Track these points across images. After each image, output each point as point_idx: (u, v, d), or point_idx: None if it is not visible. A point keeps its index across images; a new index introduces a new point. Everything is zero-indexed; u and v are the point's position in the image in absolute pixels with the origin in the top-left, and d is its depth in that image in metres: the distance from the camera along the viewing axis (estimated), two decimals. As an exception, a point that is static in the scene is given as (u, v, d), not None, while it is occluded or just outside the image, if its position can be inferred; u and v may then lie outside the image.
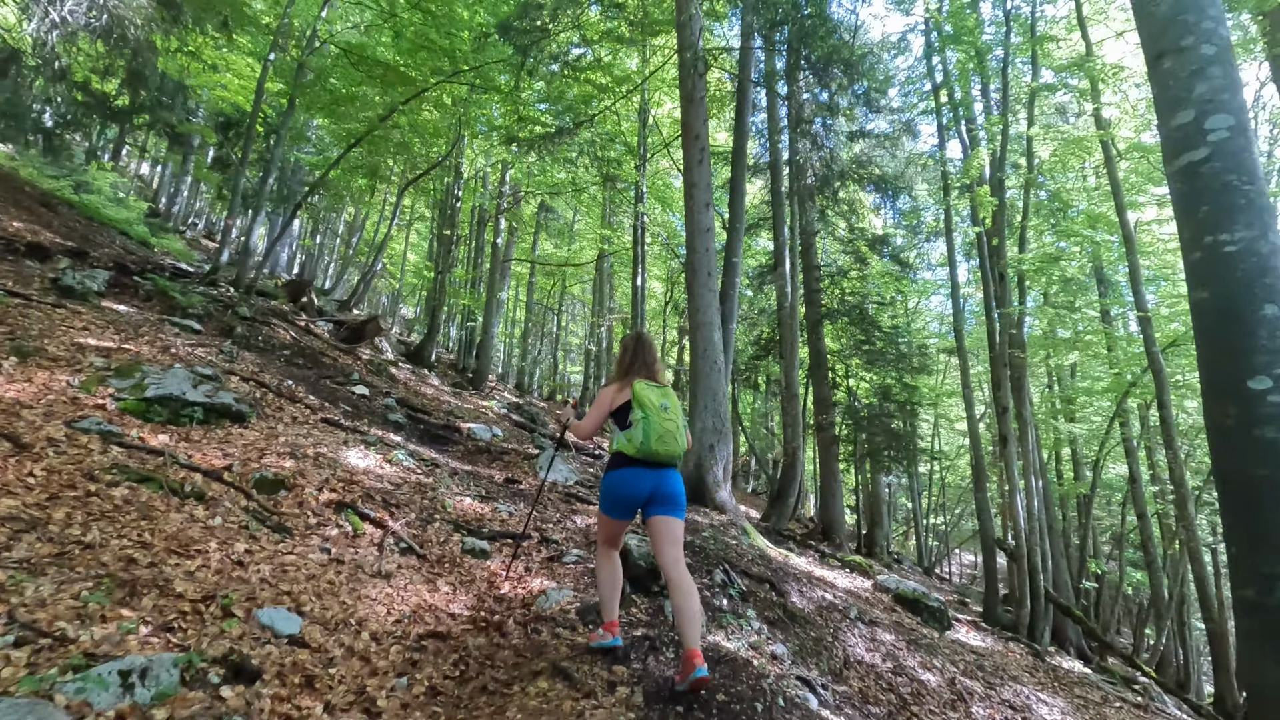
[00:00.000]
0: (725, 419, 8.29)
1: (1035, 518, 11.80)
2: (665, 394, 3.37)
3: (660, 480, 3.28)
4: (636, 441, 3.22)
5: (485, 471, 7.13)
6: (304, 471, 4.87)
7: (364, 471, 5.37)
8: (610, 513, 3.37)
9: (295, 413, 6.22)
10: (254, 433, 5.46)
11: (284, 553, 3.83)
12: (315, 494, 4.61)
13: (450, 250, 18.54)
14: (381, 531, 4.53)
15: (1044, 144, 13.25)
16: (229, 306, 9.80)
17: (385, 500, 4.97)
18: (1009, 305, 12.09)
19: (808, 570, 7.19)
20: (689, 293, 8.83)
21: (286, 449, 5.23)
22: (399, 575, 4.09)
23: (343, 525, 4.41)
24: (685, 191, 9.14)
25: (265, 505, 4.27)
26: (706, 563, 5.11)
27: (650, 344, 3.60)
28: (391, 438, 6.72)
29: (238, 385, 6.22)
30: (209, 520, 3.85)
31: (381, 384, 9.98)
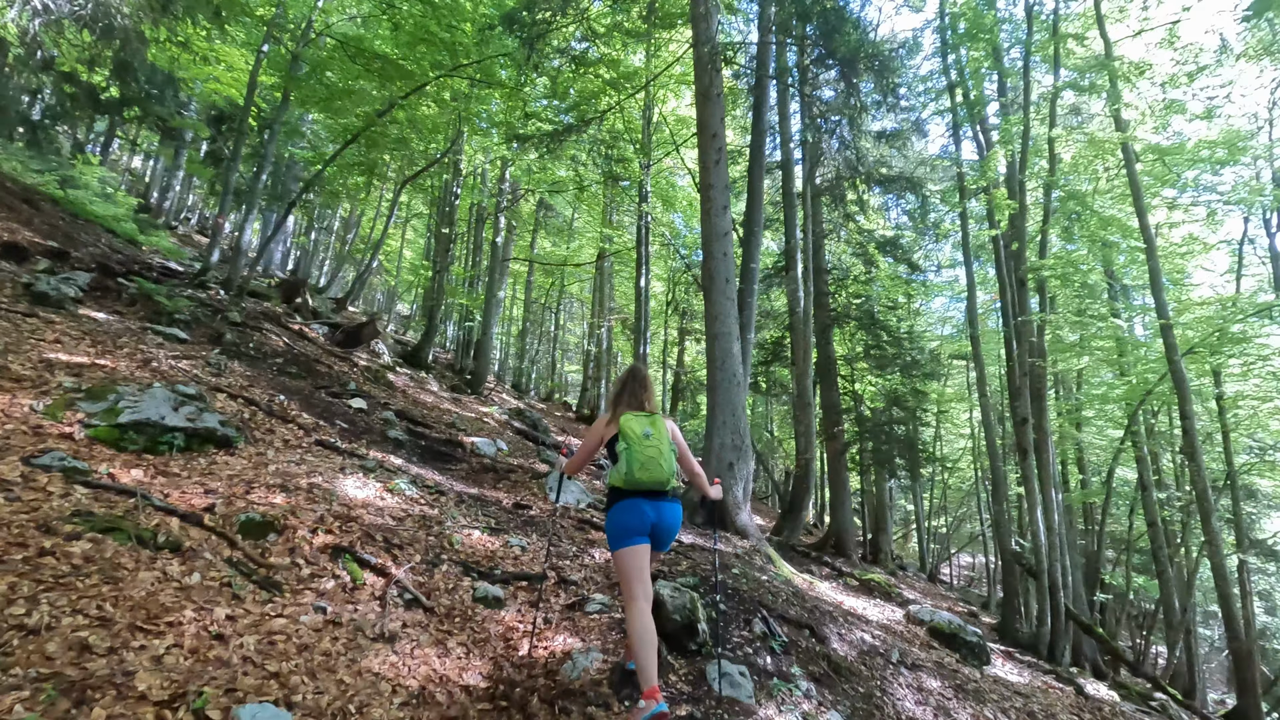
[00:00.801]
0: (745, 435, 7.77)
1: (1055, 532, 11.34)
2: (651, 421, 3.38)
3: (661, 514, 3.30)
4: (622, 472, 3.26)
5: (492, 494, 6.58)
6: (297, 508, 4.32)
7: (363, 505, 4.82)
8: (620, 544, 3.26)
9: (287, 434, 5.65)
10: (241, 460, 4.90)
11: (272, 616, 3.28)
12: (309, 537, 4.06)
13: (448, 248, 17.92)
14: (384, 580, 3.98)
15: (1065, 146, 12.74)
16: (218, 311, 9.21)
17: (387, 540, 4.42)
18: (1029, 312, 11.60)
19: (837, 602, 6.68)
20: (706, 300, 8.29)
21: (277, 480, 4.67)
22: (404, 637, 3.55)
23: (340, 575, 3.86)
24: (701, 193, 8.59)
25: (252, 555, 3.71)
26: (744, 609, 4.58)
27: (642, 378, 3.61)
28: (392, 460, 6.16)
29: (225, 404, 5.65)
30: (185, 578, 3.30)
31: (380, 393, 9.41)
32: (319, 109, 11.51)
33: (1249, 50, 13.20)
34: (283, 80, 11.32)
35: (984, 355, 19.65)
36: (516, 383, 26.30)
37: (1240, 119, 15.93)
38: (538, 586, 4.58)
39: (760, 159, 9.35)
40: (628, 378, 3.61)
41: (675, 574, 5.01)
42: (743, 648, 4.15)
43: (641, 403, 3.49)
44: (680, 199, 19.25)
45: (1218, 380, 15.86)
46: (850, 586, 9.22)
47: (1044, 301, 12.15)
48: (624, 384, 3.60)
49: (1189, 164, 14.23)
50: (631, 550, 3.23)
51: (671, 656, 3.86)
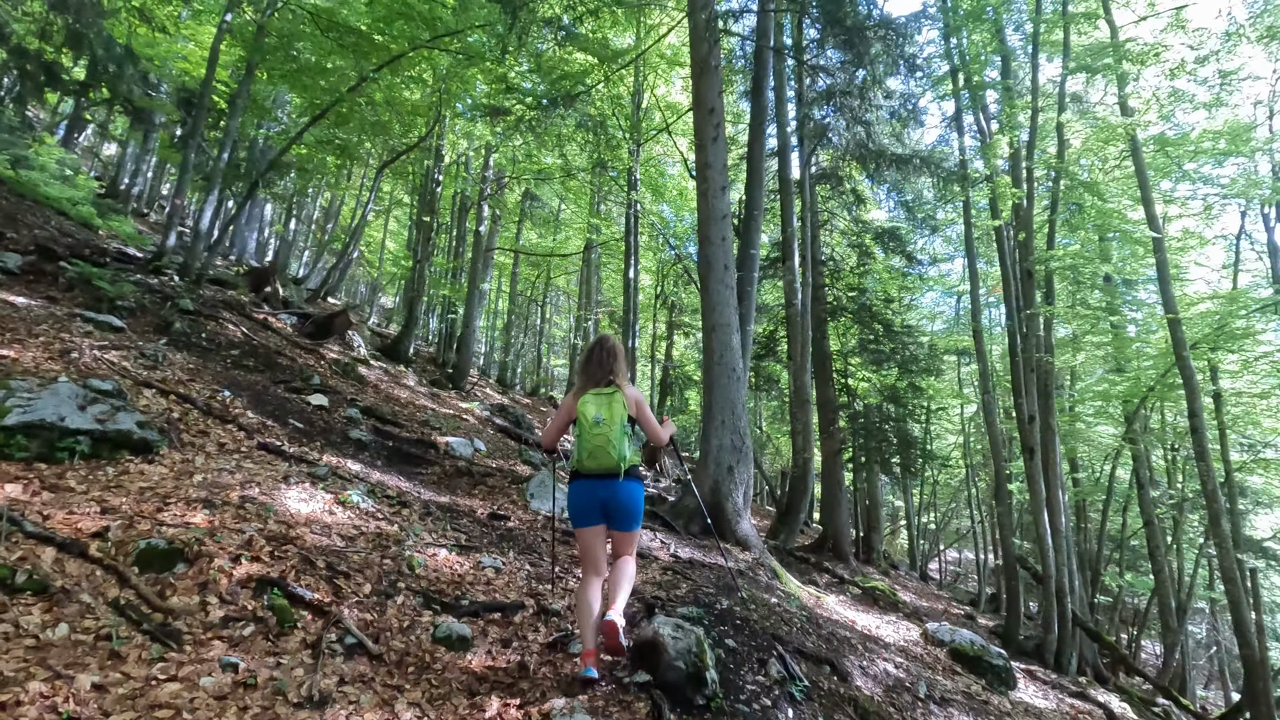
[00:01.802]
0: (745, 436, 7.02)
1: (1062, 534, 10.73)
2: (606, 403, 3.29)
3: (611, 493, 3.28)
4: (574, 457, 3.35)
5: (465, 503, 5.78)
6: (219, 529, 3.51)
7: (306, 522, 4.01)
8: (575, 524, 3.42)
9: (224, 437, 4.82)
10: (160, 469, 4.08)
11: (161, 680, 2.49)
12: (228, 567, 3.25)
13: (430, 238, 17.03)
14: (321, 621, 3.19)
15: (1073, 133, 12.07)
16: (169, 298, 8.32)
17: (330, 567, 3.62)
18: (1035, 305, 10.95)
19: (850, 621, 5.96)
20: (702, 289, 7.52)
21: (201, 493, 3.85)
22: (340, 699, 2.75)
23: (264, 617, 3.06)
24: (698, 174, 7.82)
25: (147, 594, 2.90)
26: (757, 646, 3.83)
27: (610, 348, 3.45)
28: (348, 466, 5.34)
29: (151, 402, 4.81)
30: (46, 632, 2.50)
31: (347, 388, 8.56)
32: (288, 84, 10.62)
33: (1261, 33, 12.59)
34: (247, 52, 10.39)
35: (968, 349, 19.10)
36: (501, 377, 25.43)
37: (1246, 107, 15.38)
38: (512, 619, 3.81)
39: (760, 138, 8.59)
40: (595, 348, 3.47)
41: (675, 600, 4.26)
42: (759, 698, 3.40)
43: (607, 376, 3.36)
44: (670, 189, 18.46)
45: (1214, 377, 15.32)
46: (854, 596, 8.53)
47: (1050, 294, 11.50)
48: (590, 355, 3.47)
49: (1191, 155, 13.65)
50: (584, 531, 3.36)
51: (675, 714, 3.10)
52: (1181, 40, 12.28)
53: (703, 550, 5.94)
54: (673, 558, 5.50)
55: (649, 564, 5.12)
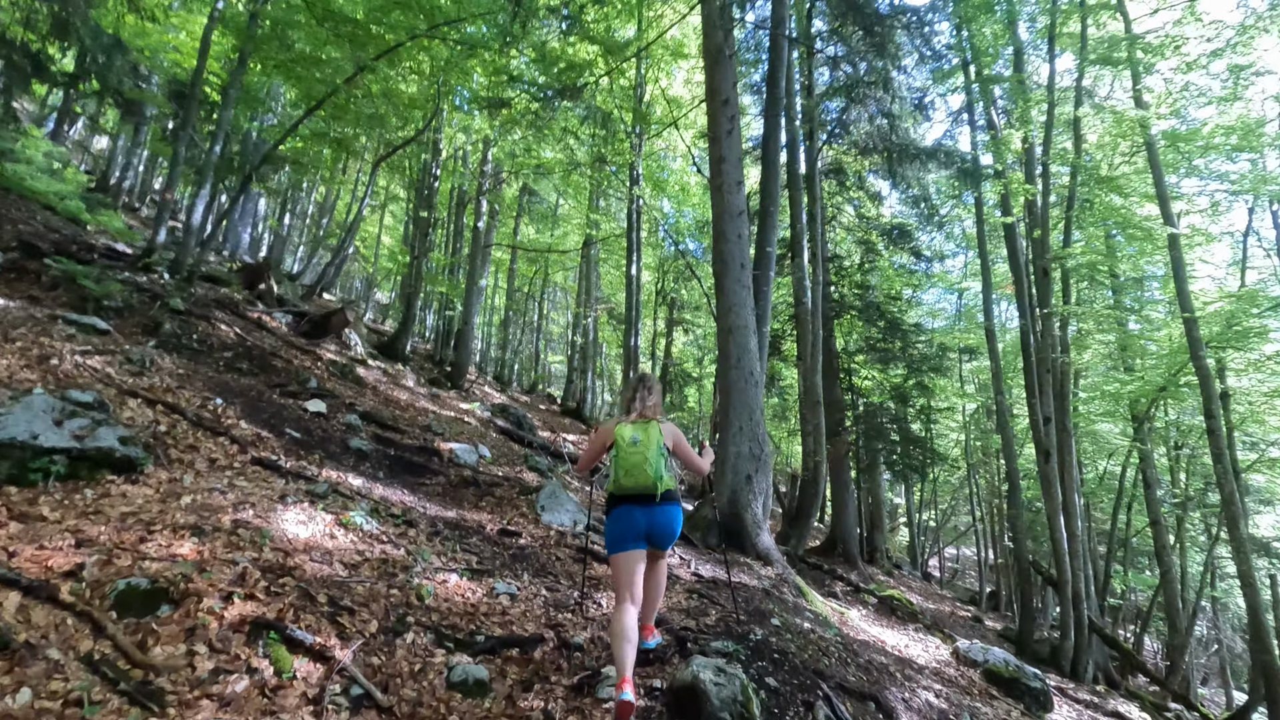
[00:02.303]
0: (764, 443, 6.68)
1: (1078, 539, 10.44)
2: (642, 428, 3.37)
3: (651, 519, 3.29)
4: (612, 478, 3.36)
5: (473, 517, 5.42)
6: (209, 562, 3.14)
7: (305, 548, 3.65)
8: (613, 550, 3.31)
9: (216, 452, 4.44)
10: (145, 491, 3.70)
11: (140, 756, 2.13)
12: (219, 607, 2.89)
13: (427, 233, 16.60)
14: (323, 669, 2.83)
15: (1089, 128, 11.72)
16: (158, 297, 7.91)
17: (333, 602, 3.26)
18: (1052, 304, 10.64)
19: (878, 641, 5.63)
20: (718, 289, 7.17)
21: (189, 519, 3.48)
22: (346, 767, 2.41)
23: (259, 667, 2.70)
24: (711, 168, 7.45)
25: (126, 646, 2.54)
26: (800, 686, 3.48)
27: (649, 384, 3.57)
28: (350, 481, 4.96)
29: (137, 413, 4.43)
30: (4, 698, 2.14)
31: (346, 391, 8.18)
32: (281, 74, 10.18)
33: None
34: (239, 41, 9.95)
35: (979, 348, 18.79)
36: (499, 374, 25.04)
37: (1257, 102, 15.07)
38: (532, 655, 3.46)
39: (775, 130, 8.21)
40: (638, 385, 3.59)
41: (707, 632, 3.91)
42: (809, 753, 3.06)
43: (642, 410, 3.46)
44: (672, 184, 18.08)
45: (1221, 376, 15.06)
46: (872, 607, 8.21)
47: (1066, 292, 11.19)
48: (634, 390, 3.58)
49: (1202, 151, 13.35)
50: (624, 556, 3.26)
51: (720, 773, 2.76)
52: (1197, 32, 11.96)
53: (724, 566, 5.59)
54: (695, 576, 5.16)
55: (671, 585, 4.78)
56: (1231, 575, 21.09)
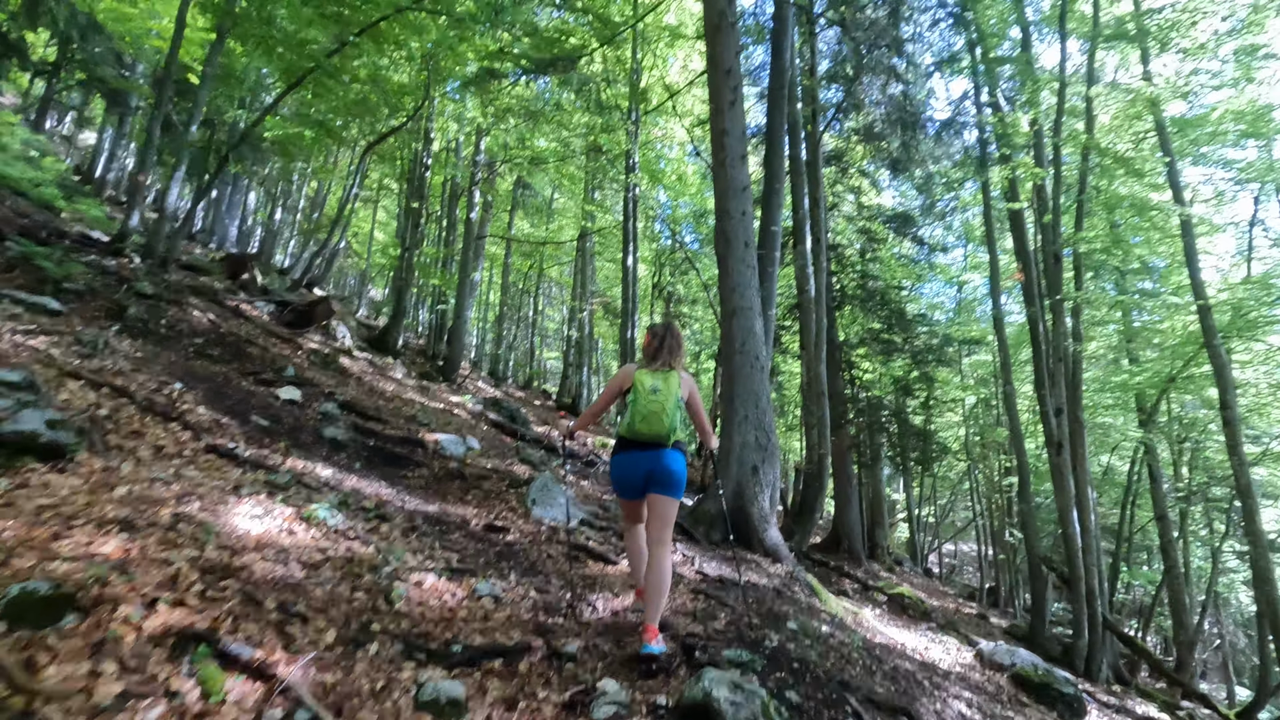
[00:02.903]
0: (771, 432, 6.21)
1: (1091, 534, 10.00)
2: (663, 377, 3.35)
3: (655, 461, 3.32)
4: (625, 422, 3.36)
5: (457, 512, 4.93)
6: (135, 562, 2.65)
7: (256, 546, 3.16)
8: (620, 495, 3.56)
9: (164, 439, 3.94)
10: (73, 480, 3.20)
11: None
12: (137, 617, 2.39)
13: (418, 224, 16.11)
14: (263, 688, 2.34)
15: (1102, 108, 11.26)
16: (125, 281, 7.39)
17: (283, 608, 2.76)
18: (1063, 291, 10.18)
19: (899, 645, 5.15)
20: (721, 269, 6.69)
21: (121, 512, 2.98)
22: (280, 817, 1.92)
23: (181, 687, 2.21)
24: (713, 142, 6.97)
25: (9, 666, 2.04)
26: (825, 701, 3.00)
27: (677, 336, 3.54)
28: (318, 472, 4.46)
29: (74, 396, 3.92)
30: None
31: (326, 381, 7.67)
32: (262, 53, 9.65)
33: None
34: (216, 16, 9.42)
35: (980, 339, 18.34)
36: (493, 370, 24.54)
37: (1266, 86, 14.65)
38: (517, 667, 2.98)
39: (780, 103, 7.72)
40: (663, 333, 3.53)
41: (717, 638, 3.43)
42: (842, 779, 2.58)
43: (669, 361, 3.44)
44: (668, 174, 17.60)
45: (1226, 368, 14.61)
46: (883, 605, 7.75)
47: (1078, 279, 10.74)
48: (661, 339, 3.51)
49: (1210, 137, 12.93)
50: (628, 502, 3.56)
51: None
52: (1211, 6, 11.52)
53: (730, 564, 5.12)
54: (700, 575, 4.68)
55: (675, 585, 4.30)
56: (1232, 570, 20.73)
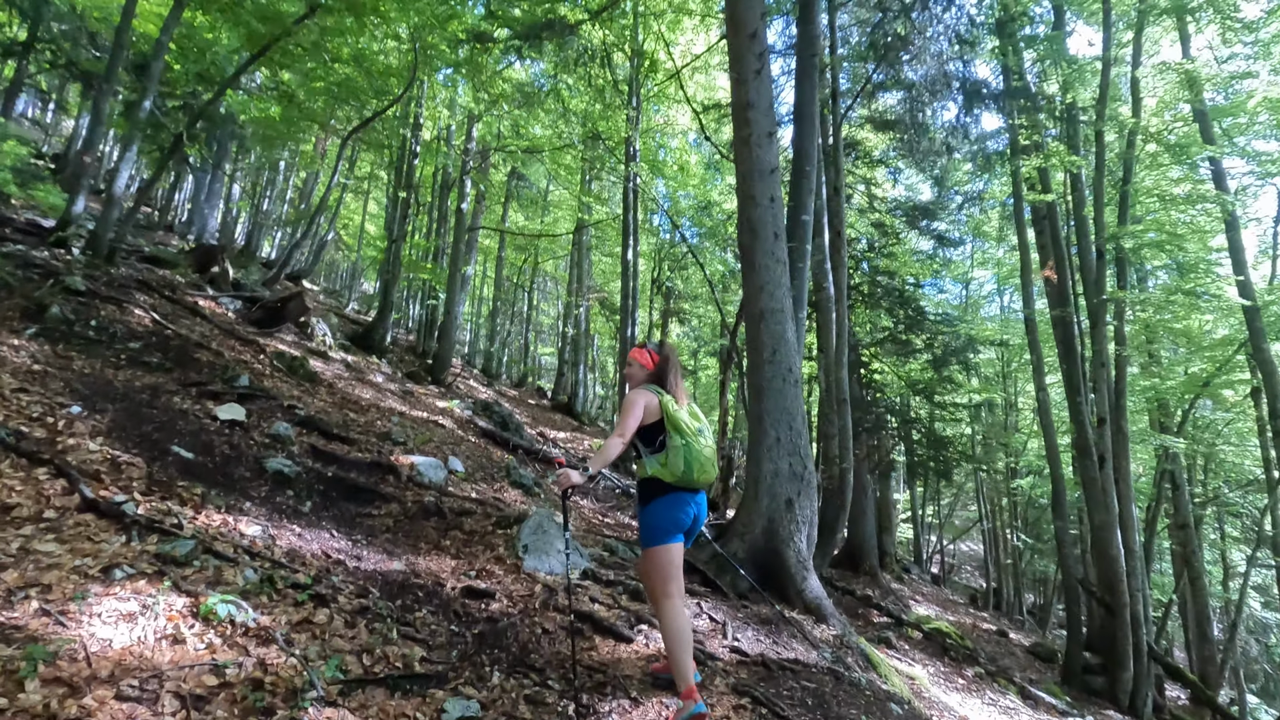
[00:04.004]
0: (808, 459, 5.16)
1: (1136, 554, 9.04)
2: (698, 415, 3.10)
3: (700, 509, 3.06)
4: (678, 471, 2.89)
5: (427, 569, 3.85)
6: None
7: (114, 672, 2.08)
8: (668, 538, 2.90)
9: (20, 492, 2.85)
10: None
11: None
12: None
13: (406, 215, 14.97)
14: None
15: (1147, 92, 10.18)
16: (52, 275, 6.27)
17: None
18: (1106, 289, 9.17)
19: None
20: (746, 265, 5.62)
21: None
22: None
23: None
24: (735, 117, 5.88)
25: None
26: None
27: (678, 363, 3.22)
28: (242, 530, 3.36)
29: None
30: None
31: (291, 391, 6.57)
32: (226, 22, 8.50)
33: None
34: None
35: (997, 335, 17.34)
36: (486, 367, 23.42)
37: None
38: None
39: (811, 73, 6.62)
40: (671, 355, 3.18)
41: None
42: None
43: (679, 394, 3.08)
44: (670, 165, 16.50)
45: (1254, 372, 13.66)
46: (919, 645, 6.75)
47: (1122, 276, 9.72)
48: (669, 362, 3.13)
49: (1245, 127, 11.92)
50: (676, 546, 2.94)
51: None
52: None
53: (770, 631, 4.07)
54: (736, 653, 3.63)
55: (706, 672, 3.25)
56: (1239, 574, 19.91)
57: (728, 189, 17.41)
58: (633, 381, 3.16)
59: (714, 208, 15.26)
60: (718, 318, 20.72)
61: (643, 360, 3.15)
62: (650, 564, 2.93)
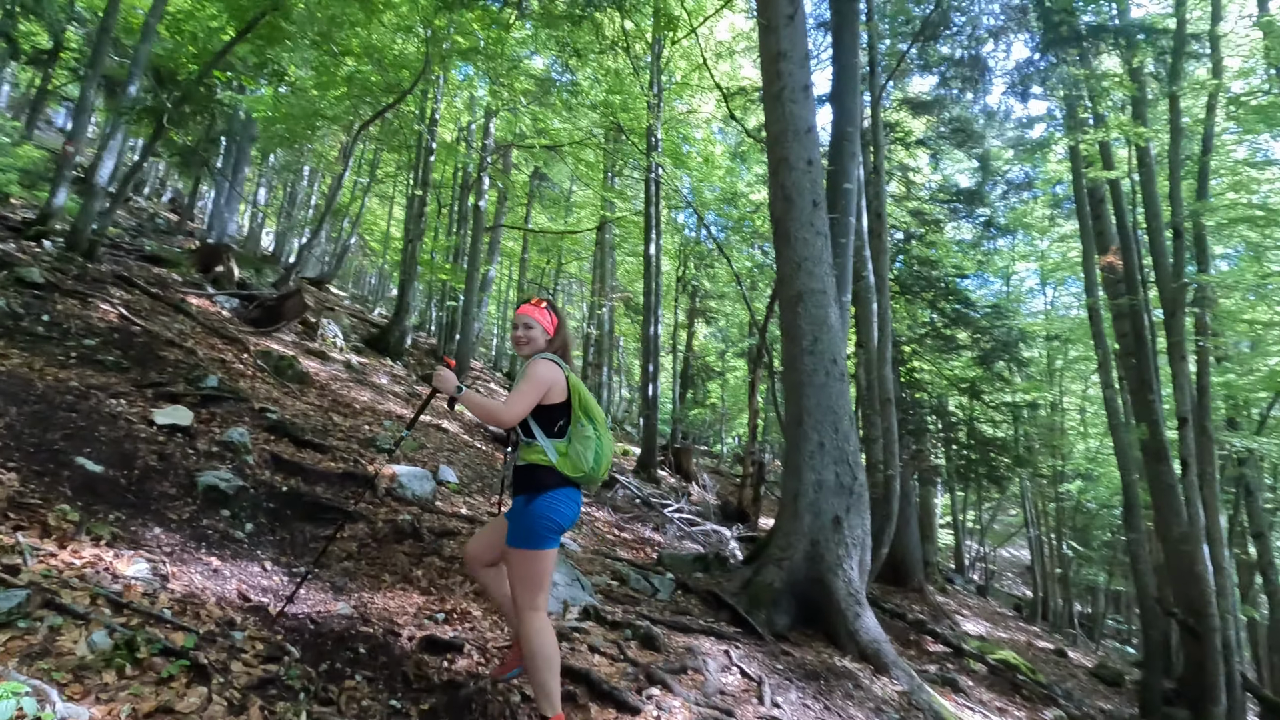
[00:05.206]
0: (857, 467, 4.23)
1: (1226, 573, 7.88)
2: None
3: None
4: (584, 465, 2.40)
5: (382, 609, 3.00)
6: None
7: None
8: (551, 542, 2.39)
9: None
10: None
11: None
12: None
13: (421, 213, 14.33)
14: None
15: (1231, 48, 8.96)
16: (8, 266, 5.62)
17: None
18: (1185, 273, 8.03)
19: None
20: (779, 238, 4.70)
21: None
22: None
23: None
24: (764, 70, 4.98)
25: None
26: None
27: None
28: (118, 573, 2.47)
29: None
30: None
31: (270, 393, 5.82)
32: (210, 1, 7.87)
33: None
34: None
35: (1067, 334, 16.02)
36: (511, 371, 22.74)
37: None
38: None
39: (853, 21, 5.65)
40: (563, 318, 2.64)
41: None
42: None
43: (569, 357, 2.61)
44: (694, 157, 15.60)
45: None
46: (986, 682, 5.73)
47: (1203, 259, 8.55)
48: (563, 323, 2.62)
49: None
50: (556, 551, 2.48)
51: None
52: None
53: (817, 687, 3.15)
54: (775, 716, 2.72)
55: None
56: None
57: (755, 179, 16.44)
58: (530, 347, 2.50)
59: (740, 199, 14.33)
60: (745, 316, 19.74)
61: (544, 322, 2.51)
62: (524, 569, 2.34)
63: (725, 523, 8.76)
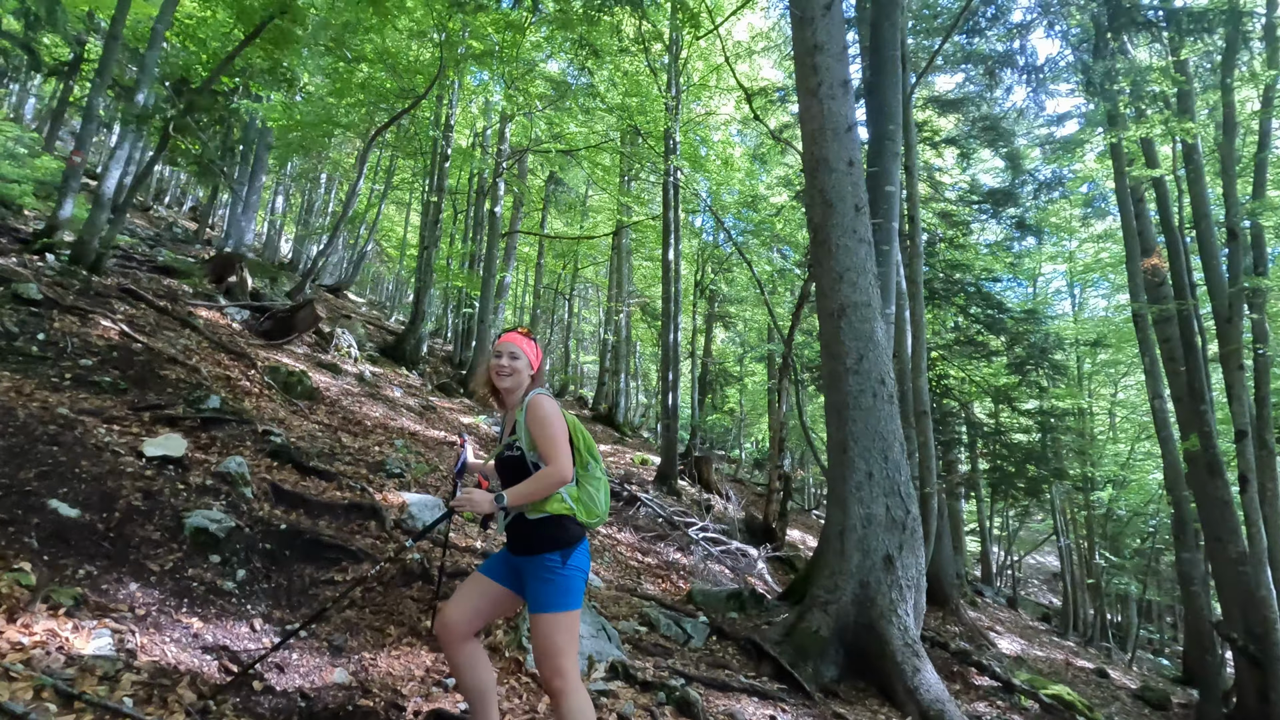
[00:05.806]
0: (910, 499, 3.81)
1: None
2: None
3: None
4: (597, 509, 2.18)
5: (385, 674, 2.63)
6: None
7: None
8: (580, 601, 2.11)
9: None
10: None
11: None
12: None
13: (437, 220, 14.06)
14: None
15: None
16: (4, 282, 5.35)
17: None
18: (1242, 276, 7.50)
19: None
20: (818, 245, 4.30)
21: None
22: None
23: None
24: (798, 64, 4.58)
25: None
26: None
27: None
28: (73, 651, 2.12)
29: None
30: None
31: (270, 412, 5.51)
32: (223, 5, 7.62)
33: None
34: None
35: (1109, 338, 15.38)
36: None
37: None
38: None
39: (894, 13, 5.24)
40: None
41: None
42: None
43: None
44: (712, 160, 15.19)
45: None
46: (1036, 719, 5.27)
47: (1261, 261, 8.00)
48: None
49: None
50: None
51: None
52: None
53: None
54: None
55: None
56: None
57: (775, 181, 15.99)
58: (514, 379, 2.22)
59: (760, 203, 13.90)
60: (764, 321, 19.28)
61: (529, 352, 2.26)
62: (562, 636, 2.03)
63: (751, 540, 8.34)
